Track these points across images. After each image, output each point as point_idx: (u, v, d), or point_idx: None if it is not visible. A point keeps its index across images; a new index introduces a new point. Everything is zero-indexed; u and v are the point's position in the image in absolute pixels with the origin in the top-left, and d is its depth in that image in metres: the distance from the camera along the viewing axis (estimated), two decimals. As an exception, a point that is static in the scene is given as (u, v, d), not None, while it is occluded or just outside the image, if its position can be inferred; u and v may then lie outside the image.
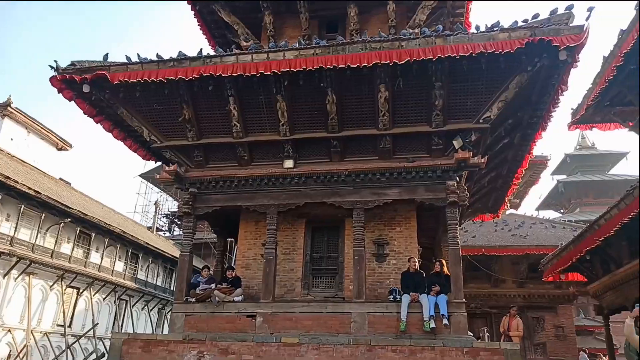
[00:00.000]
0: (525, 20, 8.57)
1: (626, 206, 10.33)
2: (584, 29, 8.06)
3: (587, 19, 8.18)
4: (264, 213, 10.38)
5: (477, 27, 8.69)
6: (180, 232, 40.69)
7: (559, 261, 15.31)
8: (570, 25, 8.16)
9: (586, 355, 21.45)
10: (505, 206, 16.75)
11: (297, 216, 10.90)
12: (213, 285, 10.22)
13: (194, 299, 10.10)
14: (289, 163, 10.41)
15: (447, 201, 9.51)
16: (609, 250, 13.13)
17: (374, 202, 9.90)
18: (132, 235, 29.73)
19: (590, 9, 8.26)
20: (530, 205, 65.37)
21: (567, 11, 8.30)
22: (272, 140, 10.38)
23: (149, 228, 39.98)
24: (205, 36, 14.18)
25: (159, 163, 13.22)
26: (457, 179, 9.74)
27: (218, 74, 9.24)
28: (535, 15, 8.66)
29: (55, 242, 24.25)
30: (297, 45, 9.39)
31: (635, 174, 32.75)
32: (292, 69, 9.00)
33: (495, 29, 8.50)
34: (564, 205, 41.77)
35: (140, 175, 41.81)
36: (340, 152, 10.24)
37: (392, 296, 9.39)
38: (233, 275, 10.41)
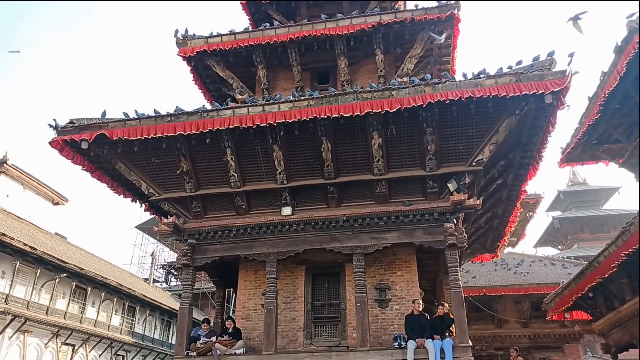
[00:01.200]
0: (510, 67, 8.97)
1: (624, 242, 10.40)
2: (567, 73, 8.43)
3: (569, 64, 8.58)
4: (263, 262, 10.36)
5: (464, 75, 9.04)
6: (177, 283, 40.30)
7: (561, 300, 15.20)
8: (553, 70, 8.53)
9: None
10: (504, 245, 16.75)
11: (296, 263, 10.88)
12: (214, 338, 10.05)
13: (194, 353, 9.91)
14: (287, 210, 10.51)
15: (446, 243, 9.56)
16: (611, 287, 13.09)
17: (374, 247, 9.93)
18: (128, 288, 29.25)
19: (571, 54, 8.66)
20: (528, 242, 65.24)
21: (549, 57, 8.70)
22: (269, 188, 10.51)
23: (146, 280, 39.39)
24: (200, 90, 14.56)
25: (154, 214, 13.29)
26: (455, 220, 9.83)
27: (216, 127, 9.48)
28: (519, 62, 9.07)
29: (51, 298, 23.83)
30: (291, 97, 9.70)
31: (630, 208, 32.97)
32: (287, 120, 9.28)
33: (481, 75, 8.85)
34: (561, 242, 41.69)
35: (136, 227, 41.54)
36: (337, 197, 10.36)
37: (396, 343, 9.25)
38: (232, 326, 10.26)
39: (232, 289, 13.84)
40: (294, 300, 10.72)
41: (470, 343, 9.01)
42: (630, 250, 10.04)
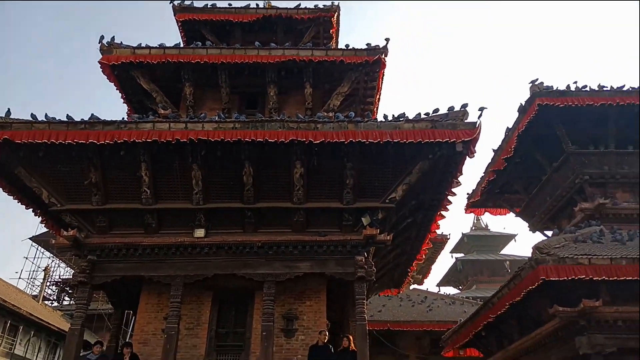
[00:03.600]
0: (427, 114, 9.59)
1: (515, 286, 11.25)
2: (477, 125, 9.19)
3: (479, 117, 9.35)
4: (168, 284, 9.90)
5: (385, 116, 9.54)
6: (71, 302, 37.18)
7: (457, 337, 15.99)
8: (465, 121, 9.24)
9: None
10: (409, 281, 17.43)
11: (204, 288, 10.53)
12: (105, 364, 9.34)
13: (82, 379, 9.13)
14: (200, 232, 10.20)
15: (356, 275, 9.78)
16: (502, 327, 14.02)
17: (286, 275, 9.90)
18: (13, 305, 26.48)
19: (481, 109, 9.47)
20: (432, 281, 68.17)
21: (463, 109, 9.44)
22: (183, 208, 10.19)
23: (35, 297, 35.90)
24: (122, 99, 13.96)
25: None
26: (365, 254, 10.11)
27: (132, 139, 9.10)
28: (436, 110, 9.74)
29: None
30: (217, 118, 9.61)
31: (523, 255, 35.86)
32: (210, 139, 9.15)
33: (401, 119, 9.38)
34: (462, 282, 44.10)
35: (31, 238, 37.97)
36: (255, 223, 10.27)
37: (299, 374, 9.18)
38: (129, 352, 9.57)
39: (131, 312, 13.05)
40: (197, 326, 10.32)
41: (371, 377, 9.16)
42: (521, 293, 10.84)
